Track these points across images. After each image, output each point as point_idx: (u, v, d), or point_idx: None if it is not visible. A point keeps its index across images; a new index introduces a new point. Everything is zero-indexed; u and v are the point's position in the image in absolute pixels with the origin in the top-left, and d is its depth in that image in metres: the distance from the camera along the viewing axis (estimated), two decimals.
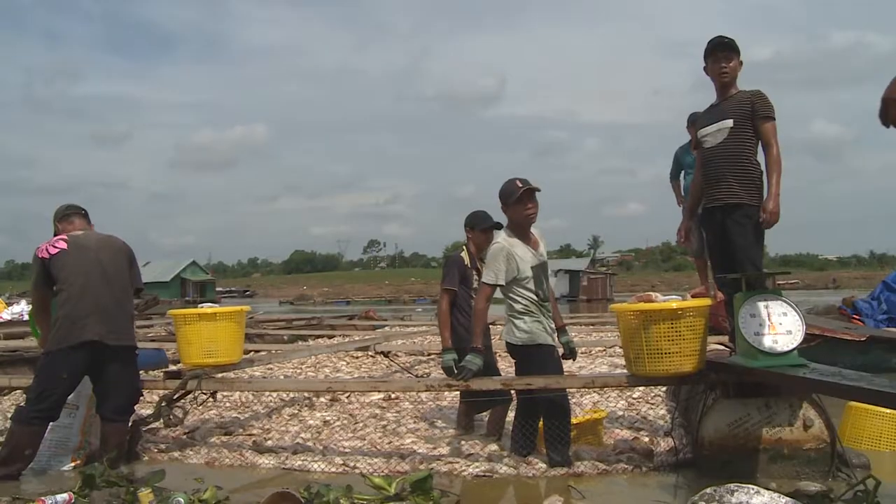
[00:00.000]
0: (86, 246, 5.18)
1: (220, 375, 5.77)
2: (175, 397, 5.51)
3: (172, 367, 6.33)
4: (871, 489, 3.30)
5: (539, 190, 4.93)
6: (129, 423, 5.33)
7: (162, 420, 5.48)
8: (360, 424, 6.33)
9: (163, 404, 5.44)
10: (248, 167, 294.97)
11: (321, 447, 5.54)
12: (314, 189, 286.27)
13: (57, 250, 5.11)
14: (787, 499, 3.41)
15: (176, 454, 5.48)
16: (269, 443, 5.72)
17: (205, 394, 5.90)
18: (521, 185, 4.87)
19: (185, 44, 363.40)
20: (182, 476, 4.56)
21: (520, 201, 4.88)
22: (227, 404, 7.29)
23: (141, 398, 5.51)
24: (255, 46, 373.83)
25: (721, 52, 5.06)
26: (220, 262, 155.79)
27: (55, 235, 5.29)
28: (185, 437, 5.93)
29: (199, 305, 5.84)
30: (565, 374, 5.22)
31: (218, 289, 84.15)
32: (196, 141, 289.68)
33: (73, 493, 4.09)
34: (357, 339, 12.12)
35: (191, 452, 5.48)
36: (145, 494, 3.98)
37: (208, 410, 6.87)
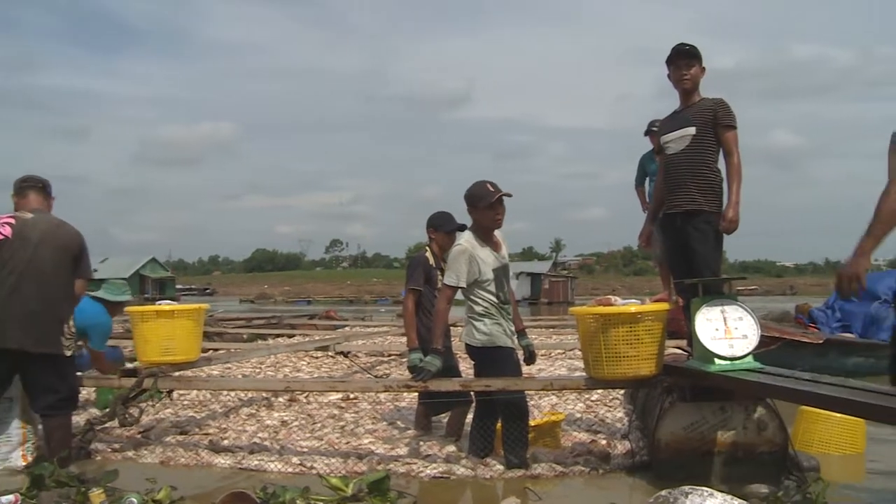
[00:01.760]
0: (28, 238, 4.84)
1: (177, 374, 5.71)
2: (131, 396, 5.43)
3: (129, 365, 6.24)
4: (819, 491, 3.36)
5: (510, 195, 4.94)
6: (69, 419, 5.09)
7: (117, 419, 5.39)
8: (319, 425, 6.30)
9: (118, 403, 5.36)
10: (213, 164, 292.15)
11: (278, 447, 5.50)
12: (278, 188, 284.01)
13: (1, 237, 4.81)
14: (740, 501, 3.46)
15: (130, 453, 5.39)
16: (226, 442, 5.67)
17: (161, 392, 5.82)
18: (493, 190, 4.87)
19: (150, 37, 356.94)
20: (136, 476, 4.48)
21: (490, 207, 4.88)
22: (184, 403, 7.22)
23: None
24: (221, 42, 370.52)
25: (682, 60, 5.11)
26: (180, 259, 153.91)
27: (8, 213, 4.99)
28: (139, 436, 5.85)
29: (158, 303, 5.77)
30: (524, 376, 5.25)
31: (178, 286, 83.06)
32: (160, 136, 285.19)
33: (21, 494, 4.00)
34: (317, 338, 12.06)
35: (145, 452, 5.41)
36: (97, 495, 3.92)
37: (164, 409, 6.78)
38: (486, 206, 4.87)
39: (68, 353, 4.98)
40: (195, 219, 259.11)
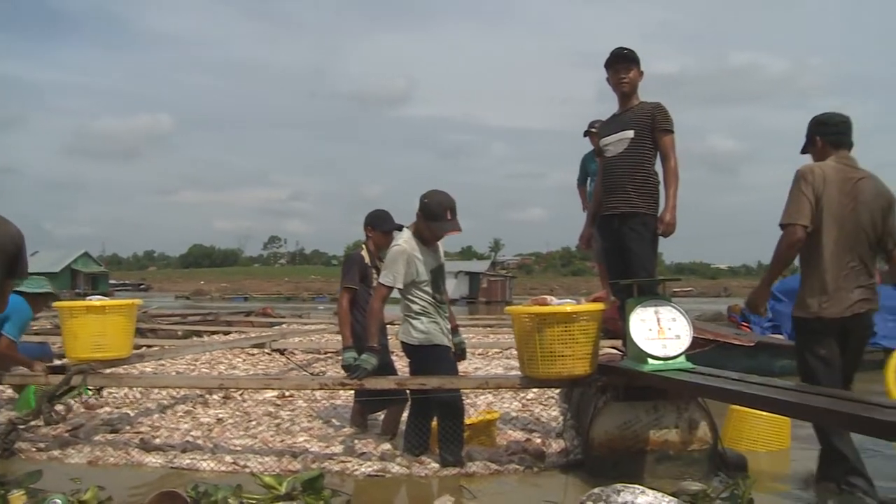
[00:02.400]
0: None
1: (108, 371, 5.59)
2: (58, 393, 5.29)
3: (57, 362, 6.08)
4: (746, 488, 3.44)
5: (460, 231, 4.94)
6: None
7: (42, 417, 5.24)
8: (254, 423, 6.23)
9: (44, 401, 5.21)
10: (150, 158, 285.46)
11: (211, 445, 5.42)
12: (217, 183, 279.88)
13: None
14: (671, 498, 3.52)
15: (56, 453, 5.23)
16: (158, 441, 5.56)
17: (90, 389, 5.69)
18: (449, 219, 4.86)
19: (86, 26, 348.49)
20: (61, 476, 4.35)
21: (440, 229, 4.90)
22: (116, 401, 7.05)
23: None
24: (161, 33, 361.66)
25: (621, 63, 5.18)
26: (114, 254, 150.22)
27: None
28: (67, 434, 5.69)
29: (88, 298, 5.64)
30: (460, 374, 5.26)
31: (111, 281, 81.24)
32: (95, 128, 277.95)
33: None
34: (253, 336, 11.94)
35: (72, 451, 5.25)
36: (17, 497, 3.79)
37: (99, 407, 6.63)
38: (437, 227, 4.89)
39: None
40: (130, 213, 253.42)
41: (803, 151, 4.50)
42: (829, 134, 4.33)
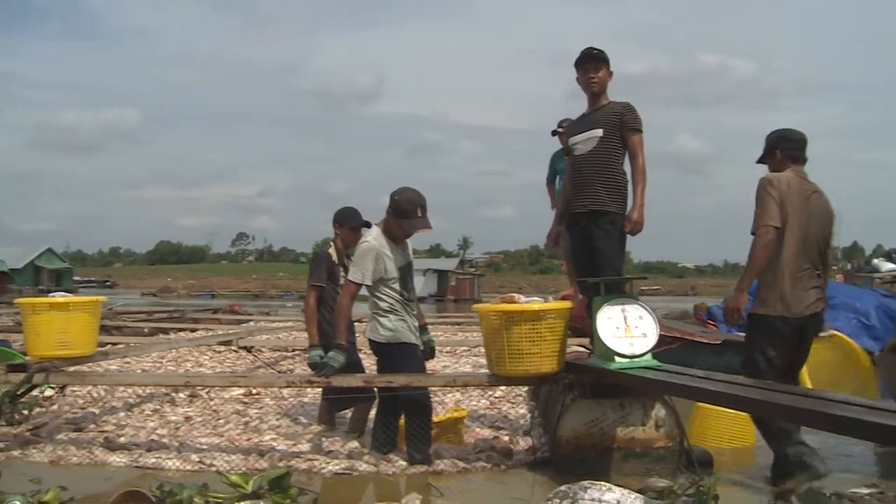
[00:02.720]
0: None
1: (71, 369, 5.50)
2: (19, 392, 5.20)
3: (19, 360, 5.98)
4: (711, 484, 3.47)
5: (431, 228, 4.96)
6: None
7: (3, 417, 5.15)
8: (222, 421, 6.19)
9: (5, 400, 5.13)
10: (116, 152, 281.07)
11: (177, 444, 5.37)
12: (184, 179, 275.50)
13: None
14: (637, 495, 3.55)
15: (16, 453, 5.14)
16: (123, 439, 5.49)
17: (53, 387, 5.59)
18: (419, 216, 4.87)
19: (52, 17, 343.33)
20: (22, 476, 4.27)
21: (410, 226, 4.90)
22: (80, 400, 6.96)
23: None
24: (128, 27, 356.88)
25: (591, 63, 5.20)
26: (79, 250, 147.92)
27: None
28: (29, 433, 5.61)
29: (51, 294, 5.55)
30: (428, 372, 5.25)
31: (76, 278, 79.97)
32: (60, 121, 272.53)
33: None
34: (220, 333, 11.83)
35: (34, 451, 5.17)
36: None
37: (61, 406, 6.54)
38: (407, 224, 4.89)
39: None
40: (96, 208, 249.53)
41: (760, 161, 4.71)
42: (789, 148, 4.57)
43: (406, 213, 4.86)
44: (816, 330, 4.54)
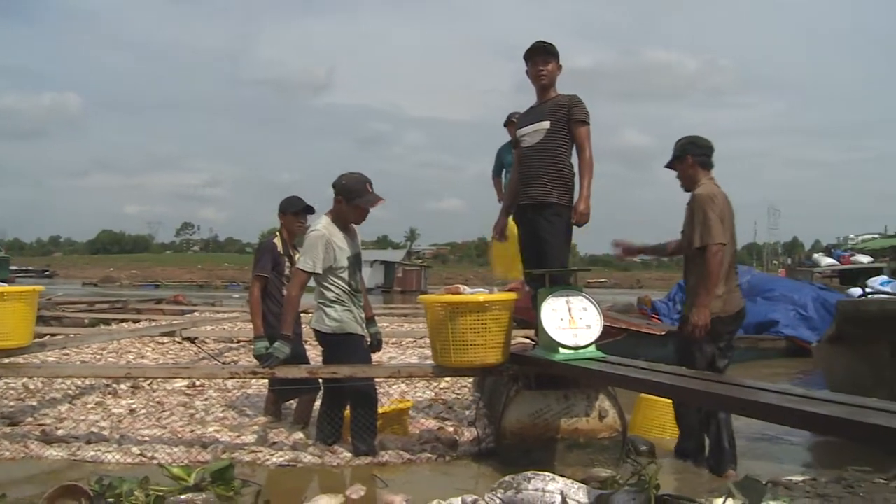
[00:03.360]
0: None
1: (6, 360, 5.36)
2: None
3: None
4: (652, 474, 3.52)
5: (384, 201, 4.97)
6: None
7: None
8: (167, 413, 6.10)
9: None
10: (57, 139, 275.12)
11: (118, 436, 5.27)
12: (127, 167, 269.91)
13: None
14: (580, 484, 3.59)
15: None
16: (61, 432, 5.36)
17: None
18: (371, 193, 4.86)
19: None
20: None
21: (366, 202, 4.89)
22: (15, 392, 6.78)
23: None
24: (71, 9, 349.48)
25: (539, 56, 5.21)
26: (16, 238, 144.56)
27: None
28: None
29: None
30: (374, 363, 5.24)
31: (13, 267, 77.81)
32: None
33: None
34: (164, 324, 11.66)
35: None
36: None
37: None
38: (359, 203, 4.86)
39: None
40: (35, 196, 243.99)
41: (668, 166, 4.99)
42: (699, 154, 4.84)
43: (359, 191, 4.85)
44: (742, 323, 4.87)
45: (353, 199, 4.86)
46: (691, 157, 4.82)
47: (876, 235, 30.53)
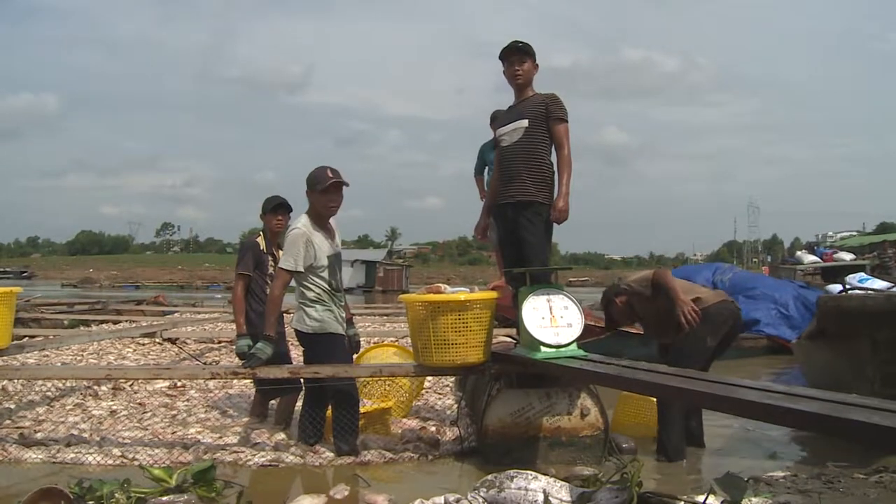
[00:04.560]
0: None
1: None
2: None
3: None
4: (635, 471, 3.53)
5: (347, 185, 4.92)
6: None
7: None
8: (148, 414, 6.06)
9: None
10: (33, 138, 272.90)
11: (98, 438, 5.22)
12: (106, 167, 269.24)
13: None
14: (563, 482, 3.59)
15: None
16: (40, 435, 5.30)
17: None
18: (331, 176, 4.83)
19: None
20: None
21: (325, 192, 4.84)
22: None
23: None
24: (44, 6, 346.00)
25: (515, 56, 5.21)
26: None
27: None
28: None
29: None
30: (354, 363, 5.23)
31: None
32: None
33: None
34: (144, 325, 11.60)
35: None
36: None
37: None
38: (321, 190, 4.82)
39: None
40: (12, 197, 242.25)
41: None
42: None
43: (321, 177, 4.84)
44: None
45: (314, 186, 4.86)
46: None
47: (854, 233, 30.81)
